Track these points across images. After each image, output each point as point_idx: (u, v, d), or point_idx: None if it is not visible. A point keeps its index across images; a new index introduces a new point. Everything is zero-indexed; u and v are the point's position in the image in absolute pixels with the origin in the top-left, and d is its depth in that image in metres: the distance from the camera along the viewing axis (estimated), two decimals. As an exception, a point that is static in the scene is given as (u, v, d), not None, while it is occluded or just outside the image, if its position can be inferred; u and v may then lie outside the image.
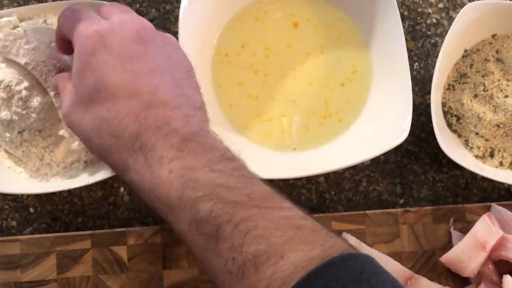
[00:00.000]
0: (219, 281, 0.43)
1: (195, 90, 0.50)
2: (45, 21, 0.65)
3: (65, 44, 0.55)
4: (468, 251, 0.61)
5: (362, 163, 0.69)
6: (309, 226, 0.43)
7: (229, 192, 0.43)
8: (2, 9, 0.69)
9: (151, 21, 0.71)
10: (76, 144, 0.62)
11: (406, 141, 0.62)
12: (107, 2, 0.64)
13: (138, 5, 0.71)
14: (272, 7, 0.69)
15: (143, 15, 0.71)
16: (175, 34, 0.63)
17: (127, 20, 0.50)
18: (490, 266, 0.63)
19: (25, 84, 0.61)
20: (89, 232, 0.63)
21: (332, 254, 0.40)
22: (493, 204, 0.65)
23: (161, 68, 0.48)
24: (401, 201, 0.70)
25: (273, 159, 0.67)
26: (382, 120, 0.65)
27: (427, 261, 0.64)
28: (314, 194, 0.70)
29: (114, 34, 0.48)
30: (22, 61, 0.60)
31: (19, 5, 0.71)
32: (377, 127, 0.65)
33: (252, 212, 0.42)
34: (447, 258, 0.63)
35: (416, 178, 0.71)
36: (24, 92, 0.61)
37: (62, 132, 0.62)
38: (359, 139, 0.66)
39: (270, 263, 0.40)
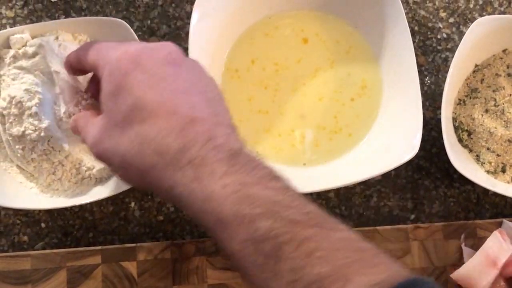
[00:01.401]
0: None
1: (226, 111, 0.50)
2: (56, 38, 0.65)
3: (76, 69, 0.57)
4: (479, 267, 0.61)
5: (373, 178, 0.69)
6: (369, 249, 0.42)
7: (288, 211, 0.41)
8: (14, 26, 0.70)
9: (162, 37, 0.72)
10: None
11: (417, 156, 0.62)
12: (121, 21, 0.65)
13: (149, 22, 0.72)
14: (282, 22, 0.69)
15: (154, 31, 0.71)
16: (186, 50, 0.64)
17: (157, 44, 0.50)
18: (502, 283, 0.62)
19: (36, 100, 0.62)
20: (99, 247, 0.63)
21: (398, 279, 0.39)
22: (505, 220, 0.64)
23: (195, 88, 0.48)
24: (412, 216, 0.70)
25: (283, 175, 0.67)
26: (392, 135, 0.65)
27: (438, 278, 0.64)
28: (325, 210, 0.70)
29: (146, 56, 0.48)
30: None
31: (32, 22, 0.71)
32: (387, 143, 0.65)
33: (313, 232, 0.40)
34: (458, 274, 0.62)
35: (427, 194, 0.70)
36: (34, 109, 0.62)
37: (67, 147, 0.62)
38: (369, 154, 0.66)
39: (337, 286, 0.38)
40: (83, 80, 0.64)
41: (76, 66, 0.56)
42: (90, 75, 0.62)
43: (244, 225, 0.41)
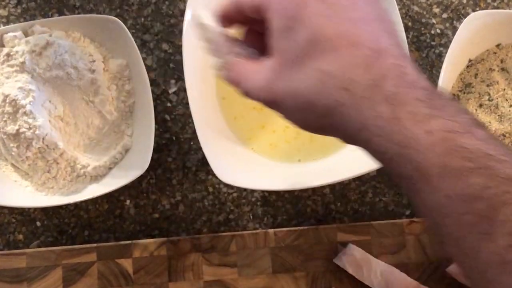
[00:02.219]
0: (480, 268, 0.37)
1: (404, 42, 0.46)
2: (50, 36, 0.65)
3: (229, 19, 0.48)
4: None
5: (368, 174, 0.69)
6: None
7: (503, 166, 0.36)
8: (8, 24, 0.70)
9: (156, 34, 0.72)
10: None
11: (411, 151, 0.62)
12: (114, 18, 0.65)
13: (143, 19, 0.72)
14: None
15: (148, 29, 0.71)
16: (180, 47, 0.64)
17: None
18: (498, 277, 0.63)
19: (30, 98, 0.62)
20: (95, 245, 0.63)
21: None
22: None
23: (375, 18, 0.42)
24: (408, 212, 0.70)
25: (278, 171, 0.67)
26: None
27: (433, 272, 0.64)
28: (320, 206, 0.70)
29: None
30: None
31: (25, 20, 0.71)
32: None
33: None
34: (453, 268, 0.62)
35: (422, 189, 0.70)
36: (28, 107, 0.62)
37: (61, 145, 0.62)
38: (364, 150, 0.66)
39: None
40: None
41: (233, 12, 0.48)
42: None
43: (453, 179, 0.36)
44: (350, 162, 0.66)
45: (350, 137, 0.40)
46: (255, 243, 0.64)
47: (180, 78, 0.71)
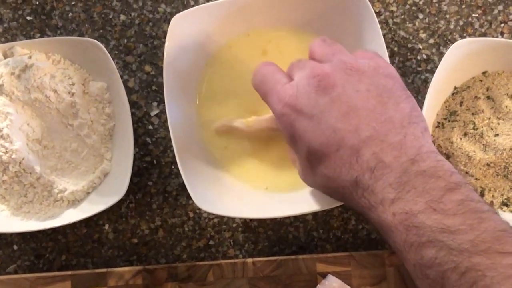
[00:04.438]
0: None
1: (398, 103, 0.49)
2: (29, 57, 0.64)
3: None
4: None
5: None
6: None
7: (453, 239, 0.42)
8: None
9: (139, 56, 0.71)
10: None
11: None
12: (94, 41, 0.64)
13: (126, 40, 0.71)
14: (261, 39, 0.68)
15: (131, 50, 0.70)
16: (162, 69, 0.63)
17: (303, 76, 0.51)
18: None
19: (8, 122, 0.61)
20: (69, 272, 0.62)
21: None
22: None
23: (354, 105, 0.48)
24: (391, 240, 0.69)
25: (260, 198, 0.66)
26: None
27: (414, 304, 0.63)
28: (302, 233, 0.69)
29: (299, 97, 0.50)
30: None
31: (6, 40, 0.70)
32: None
33: (478, 260, 0.40)
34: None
35: (406, 217, 0.69)
36: (6, 130, 0.61)
37: (38, 169, 0.61)
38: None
39: None
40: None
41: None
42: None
43: (412, 252, 0.43)
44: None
45: (355, 210, 0.50)
46: (233, 272, 0.63)
47: (162, 100, 0.70)
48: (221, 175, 0.65)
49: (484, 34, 0.72)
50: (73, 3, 0.71)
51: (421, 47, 0.72)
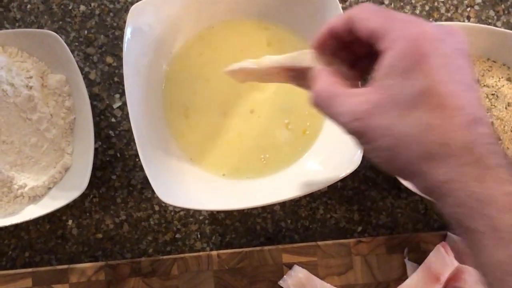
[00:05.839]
0: None
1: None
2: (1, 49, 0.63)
3: (327, 43, 0.50)
4: (422, 283, 0.59)
5: (319, 190, 0.67)
6: None
7: None
8: None
9: (100, 47, 0.69)
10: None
11: (363, 166, 0.60)
12: (51, 32, 0.62)
13: (86, 31, 0.69)
14: (224, 32, 0.67)
15: (91, 42, 0.69)
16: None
17: (449, 29, 0.46)
18: (446, 299, 0.61)
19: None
20: (30, 269, 0.61)
21: None
22: (449, 233, 0.63)
23: (472, 84, 0.45)
24: (359, 228, 0.68)
25: (226, 189, 0.65)
26: (335, 147, 0.63)
27: (382, 293, 0.62)
28: (270, 223, 0.68)
29: (443, 40, 0.45)
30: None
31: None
32: (331, 155, 0.63)
33: None
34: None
35: (374, 205, 0.69)
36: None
37: (1, 167, 0.60)
38: (314, 166, 0.64)
39: None
40: None
41: (341, 33, 0.48)
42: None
43: None
44: (299, 179, 0.64)
45: (429, 187, 0.43)
46: (197, 266, 0.62)
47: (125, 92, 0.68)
48: (183, 165, 0.64)
49: (450, 19, 0.72)
50: (30, -6, 0.69)
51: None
